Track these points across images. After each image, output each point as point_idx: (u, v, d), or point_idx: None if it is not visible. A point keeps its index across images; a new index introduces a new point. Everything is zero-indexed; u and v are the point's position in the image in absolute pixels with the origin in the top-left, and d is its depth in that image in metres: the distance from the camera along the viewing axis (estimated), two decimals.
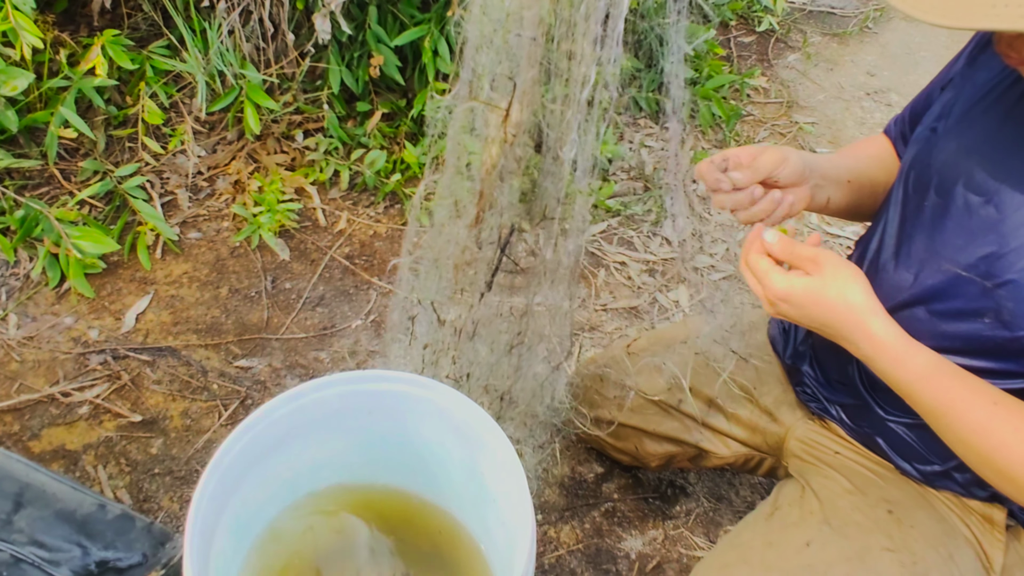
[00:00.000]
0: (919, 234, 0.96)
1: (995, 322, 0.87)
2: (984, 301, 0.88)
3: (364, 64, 2.06)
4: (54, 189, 1.93)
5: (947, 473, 1.03)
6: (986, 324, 0.88)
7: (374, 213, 2.08)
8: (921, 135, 1.01)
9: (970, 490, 1.03)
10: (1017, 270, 0.84)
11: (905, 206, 1.00)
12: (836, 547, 1.00)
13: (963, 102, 0.95)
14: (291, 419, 1.00)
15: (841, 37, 3.14)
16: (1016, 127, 0.87)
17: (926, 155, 0.97)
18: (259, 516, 1.06)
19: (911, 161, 1.00)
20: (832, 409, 1.15)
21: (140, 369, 1.66)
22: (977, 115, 0.92)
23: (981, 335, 0.89)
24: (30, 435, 1.52)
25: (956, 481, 1.03)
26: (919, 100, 1.12)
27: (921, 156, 0.98)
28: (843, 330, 0.90)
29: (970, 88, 0.95)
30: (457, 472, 1.07)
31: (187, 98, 2.11)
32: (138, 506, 1.44)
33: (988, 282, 0.87)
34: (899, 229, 1.00)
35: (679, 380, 1.28)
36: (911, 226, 0.98)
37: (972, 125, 0.92)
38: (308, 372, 1.70)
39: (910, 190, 0.99)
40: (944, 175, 0.93)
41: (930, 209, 0.95)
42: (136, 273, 1.84)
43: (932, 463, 1.03)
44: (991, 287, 0.87)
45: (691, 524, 1.50)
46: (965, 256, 0.89)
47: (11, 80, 1.71)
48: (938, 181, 0.94)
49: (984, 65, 0.95)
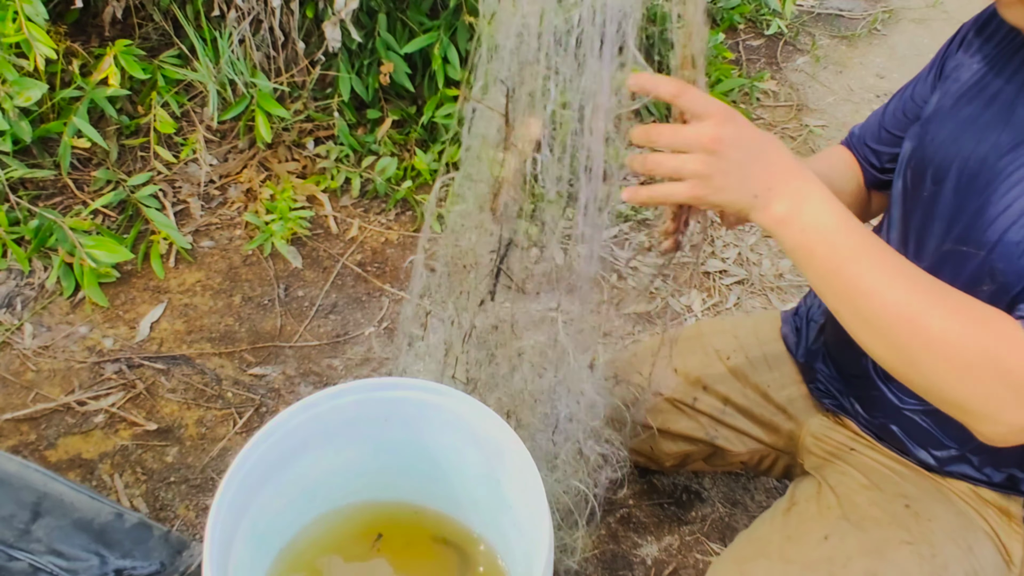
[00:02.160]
0: (920, 222, 0.99)
1: (992, 286, 0.89)
2: (980, 269, 0.90)
3: (374, 71, 2.07)
4: (67, 199, 1.94)
5: (963, 456, 1.03)
6: (985, 292, 0.89)
7: (385, 220, 2.08)
8: (914, 132, 1.04)
9: (985, 472, 1.03)
10: (1001, 230, 0.87)
11: (905, 201, 1.03)
12: (855, 540, 1.00)
13: (950, 96, 0.99)
14: (308, 428, 1.00)
15: (850, 39, 3.13)
16: (1001, 107, 0.92)
17: (920, 149, 1.00)
18: (276, 526, 1.06)
19: (907, 158, 1.03)
20: (847, 402, 1.16)
21: (155, 378, 1.66)
22: (963, 104, 0.96)
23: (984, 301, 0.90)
24: (46, 444, 1.53)
25: (972, 464, 1.03)
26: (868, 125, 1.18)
27: (916, 151, 1.01)
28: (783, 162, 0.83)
29: (954, 85, 1.00)
30: (473, 479, 1.07)
31: (198, 107, 2.12)
32: (154, 515, 1.44)
33: (981, 250, 0.90)
34: (902, 223, 1.04)
35: (694, 378, 1.28)
36: (912, 217, 1.01)
37: (959, 112, 0.96)
38: (322, 380, 1.71)
39: (908, 184, 1.02)
40: (938, 163, 0.96)
41: (928, 197, 0.98)
42: (150, 282, 1.85)
43: (948, 447, 1.04)
44: (984, 254, 0.89)
45: (707, 529, 1.49)
46: (958, 230, 0.93)
47: (25, 91, 1.72)
48: (933, 170, 0.97)
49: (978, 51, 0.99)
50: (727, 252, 2.12)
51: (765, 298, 2.01)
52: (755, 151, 0.82)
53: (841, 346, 1.14)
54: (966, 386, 0.78)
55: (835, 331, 1.15)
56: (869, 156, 1.17)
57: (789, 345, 1.28)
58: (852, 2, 3.35)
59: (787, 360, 1.27)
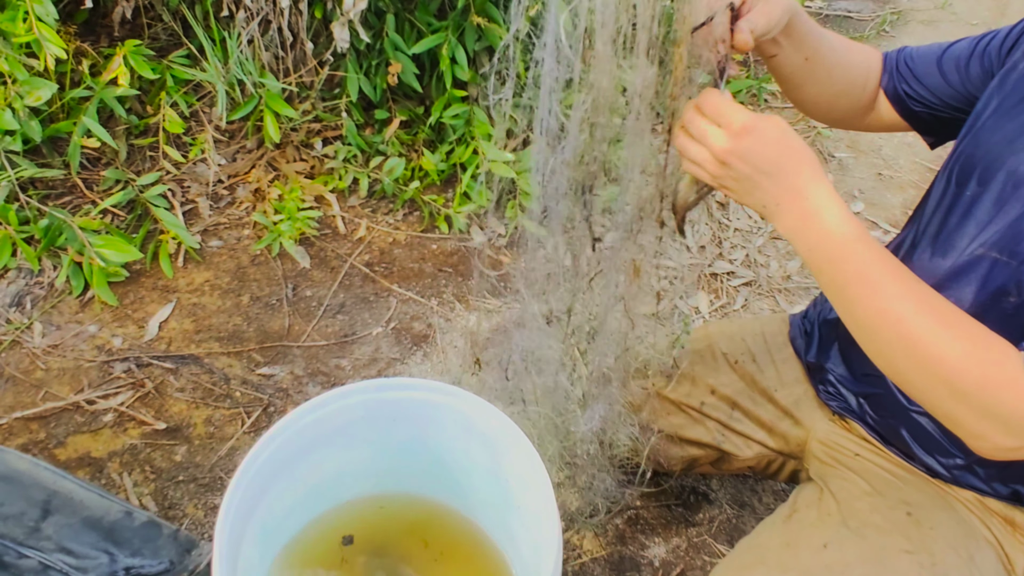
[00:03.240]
0: (956, 221, 0.97)
1: (1018, 300, 0.89)
2: (1009, 280, 0.89)
3: (382, 72, 2.07)
4: (77, 198, 1.95)
5: (969, 467, 1.02)
6: (1011, 303, 0.89)
7: (393, 220, 2.08)
8: (969, 128, 1.01)
9: (991, 485, 1.02)
10: None
11: (944, 197, 1.01)
12: (854, 548, 0.99)
13: (1015, 94, 0.95)
14: (316, 427, 1.00)
15: (858, 41, 3.12)
16: None
17: (971, 147, 0.98)
18: (284, 525, 1.06)
19: (956, 154, 1.01)
20: (856, 403, 1.15)
21: (163, 377, 1.67)
22: (1021, 107, 0.93)
23: (1006, 314, 0.90)
24: (56, 443, 1.53)
25: (978, 475, 1.02)
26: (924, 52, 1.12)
27: (966, 149, 0.99)
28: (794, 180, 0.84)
29: (1013, 78, 0.96)
30: (481, 479, 1.07)
31: (207, 107, 2.13)
32: (163, 513, 1.45)
33: (1014, 260, 0.89)
34: (937, 217, 1.01)
35: (701, 381, 1.28)
36: (949, 215, 0.99)
37: (1019, 115, 0.93)
38: (329, 379, 1.71)
39: (953, 182, 1.00)
40: (987, 165, 0.94)
41: (969, 197, 0.96)
42: (158, 281, 1.86)
43: (954, 456, 1.03)
44: (1016, 265, 0.88)
45: (714, 531, 1.49)
46: (994, 235, 0.92)
47: (35, 90, 1.73)
48: (981, 171, 0.95)
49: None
50: (735, 254, 2.12)
51: (773, 300, 2.01)
52: (767, 167, 0.85)
53: (854, 344, 1.13)
54: (958, 408, 0.81)
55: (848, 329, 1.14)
56: (904, 73, 1.12)
57: (797, 348, 1.27)
58: (860, 3, 3.34)
59: (795, 363, 1.27)
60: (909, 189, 2.44)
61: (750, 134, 0.84)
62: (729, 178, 0.87)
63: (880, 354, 0.87)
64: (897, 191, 2.44)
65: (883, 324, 0.84)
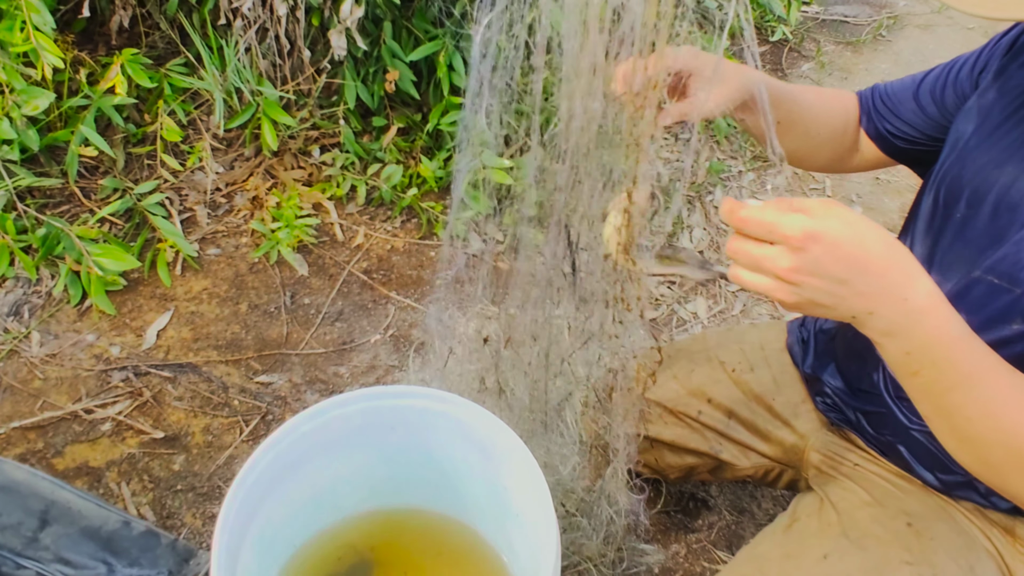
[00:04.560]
0: (948, 244, 0.96)
1: (1022, 327, 0.86)
2: (1012, 307, 0.87)
3: (379, 79, 2.07)
4: (75, 207, 1.95)
5: (969, 483, 1.02)
6: (1015, 330, 0.87)
7: (391, 227, 2.08)
8: (951, 147, 0.99)
9: (991, 500, 1.01)
10: None
11: (933, 218, 0.99)
12: (854, 559, 0.99)
13: (995, 114, 0.94)
14: (314, 436, 1.00)
15: (855, 46, 3.13)
16: None
17: (958, 168, 0.96)
18: (283, 534, 1.06)
19: (942, 175, 0.99)
20: (854, 417, 1.14)
21: (161, 385, 1.67)
22: (1010, 127, 0.91)
23: (1010, 341, 0.88)
24: (54, 452, 1.53)
25: (978, 491, 1.02)
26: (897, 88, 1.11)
27: (952, 170, 0.97)
28: (886, 280, 0.72)
29: (1001, 100, 0.94)
30: (480, 487, 1.07)
31: (205, 115, 2.13)
32: (161, 523, 1.44)
33: (1016, 287, 0.86)
34: (927, 240, 0.99)
35: (698, 390, 1.28)
36: (940, 237, 0.97)
37: (1004, 137, 0.91)
38: (328, 387, 1.71)
39: (940, 203, 0.98)
40: (976, 187, 0.92)
41: (959, 220, 0.94)
42: (156, 290, 1.85)
43: (954, 472, 1.02)
44: (1020, 292, 0.86)
45: (714, 537, 1.49)
46: (991, 261, 0.89)
47: (32, 100, 1.73)
48: (969, 193, 0.93)
49: (1014, 75, 0.94)
50: None
51: (772, 305, 2.01)
52: (844, 275, 0.72)
53: (852, 359, 1.12)
54: None
55: (846, 343, 1.13)
56: (883, 112, 1.11)
57: (795, 357, 1.26)
58: (857, 8, 3.35)
59: (792, 372, 1.26)
60: (907, 193, 2.44)
61: (816, 242, 0.70)
62: (804, 300, 0.73)
63: (981, 459, 0.80)
64: (895, 195, 2.44)
65: (990, 432, 0.76)
